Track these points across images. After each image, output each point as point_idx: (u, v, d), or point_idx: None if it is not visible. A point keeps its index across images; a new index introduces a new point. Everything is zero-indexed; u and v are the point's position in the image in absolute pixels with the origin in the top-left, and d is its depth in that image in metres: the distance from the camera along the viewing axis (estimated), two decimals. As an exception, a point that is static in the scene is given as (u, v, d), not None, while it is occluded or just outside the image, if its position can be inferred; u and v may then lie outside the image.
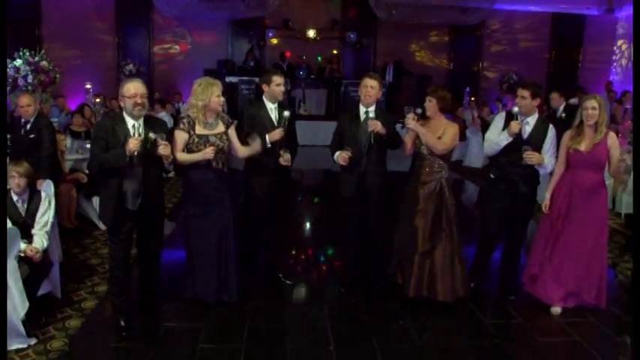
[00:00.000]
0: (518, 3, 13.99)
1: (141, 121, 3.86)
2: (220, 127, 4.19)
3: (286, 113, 4.51)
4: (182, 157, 4.08)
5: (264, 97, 4.62)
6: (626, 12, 14.38)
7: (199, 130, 4.11)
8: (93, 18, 14.22)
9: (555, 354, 3.94)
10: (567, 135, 4.44)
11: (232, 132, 4.29)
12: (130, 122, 3.83)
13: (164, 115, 9.99)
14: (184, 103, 12.19)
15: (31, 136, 5.28)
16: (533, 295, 4.60)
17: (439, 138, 4.33)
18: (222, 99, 4.19)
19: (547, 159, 4.38)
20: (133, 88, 3.80)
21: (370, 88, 4.43)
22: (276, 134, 4.42)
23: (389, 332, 4.09)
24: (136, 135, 3.77)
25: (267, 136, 4.40)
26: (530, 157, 4.28)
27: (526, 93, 4.38)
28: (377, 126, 4.30)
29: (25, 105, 5.26)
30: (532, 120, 4.44)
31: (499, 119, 4.64)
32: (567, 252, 4.41)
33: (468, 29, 14.88)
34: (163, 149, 3.77)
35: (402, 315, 4.33)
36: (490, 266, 4.86)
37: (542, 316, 4.44)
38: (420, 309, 4.39)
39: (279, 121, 4.52)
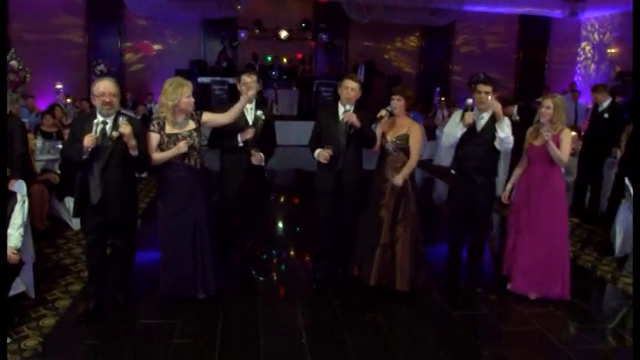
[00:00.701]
0: (486, 5, 14.29)
1: (111, 119, 3.93)
2: (191, 125, 4.26)
3: (259, 113, 4.61)
4: (157, 156, 4.16)
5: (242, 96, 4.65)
6: (589, 15, 14.82)
7: (169, 129, 4.18)
8: (63, 17, 14.07)
9: (519, 343, 4.10)
10: (528, 131, 4.68)
11: (208, 115, 4.38)
12: (100, 119, 3.91)
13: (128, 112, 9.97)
14: (156, 104, 12.16)
15: None
16: (510, 288, 4.78)
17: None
18: (192, 99, 4.24)
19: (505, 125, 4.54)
20: (102, 87, 3.91)
21: (351, 90, 4.56)
22: (248, 133, 4.50)
23: (360, 325, 4.20)
24: (97, 131, 3.86)
25: (239, 136, 4.49)
26: (492, 105, 4.51)
27: (489, 88, 4.56)
28: (351, 117, 4.43)
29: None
30: (487, 115, 4.61)
31: (456, 115, 4.83)
32: (530, 244, 4.61)
33: (439, 30, 15.13)
34: (124, 128, 3.87)
35: (373, 309, 4.45)
36: (461, 260, 5.03)
37: (507, 308, 4.63)
38: (390, 303, 4.53)
39: (254, 121, 4.60)
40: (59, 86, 11.44)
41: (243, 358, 3.72)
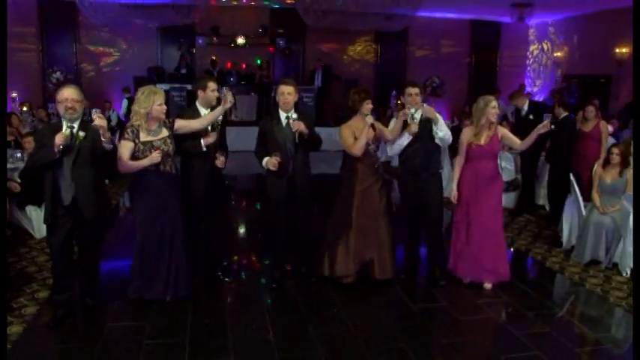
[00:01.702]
0: (439, 10, 14.72)
1: (76, 123, 4.03)
2: (164, 132, 4.36)
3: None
4: (131, 164, 4.25)
5: (197, 102, 4.77)
6: (536, 20, 15.46)
7: (143, 137, 4.28)
8: (14, 23, 13.76)
9: (474, 330, 4.35)
10: (468, 132, 4.99)
11: (180, 122, 4.49)
12: (64, 125, 3.99)
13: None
14: (114, 112, 12.07)
15: None
16: (459, 277, 5.08)
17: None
18: (164, 107, 4.32)
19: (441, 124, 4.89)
20: (66, 93, 4.02)
21: (287, 94, 4.69)
22: (211, 138, 4.59)
23: (323, 319, 4.38)
24: (65, 129, 3.95)
25: (202, 140, 4.55)
26: (429, 111, 4.81)
27: (418, 90, 4.89)
28: (300, 126, 4.60)
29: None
30: (418, 114, 4.80)
31: (392, 124, 5.02)
32: (481, 233, 4.93)
33: (394, 35, 15.44)
34: (98, 121, 3.98)
35: (334, 304, 4.64)
36: (418, 255, 5.32)
37: (462, 298, 4.89)
38: (350, 298, 4.73)
39: (213, 126, 4.68)
40: (14, 95, 11.24)
41: (213, 355, 3.84)
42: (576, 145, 7.06)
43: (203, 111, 4.73)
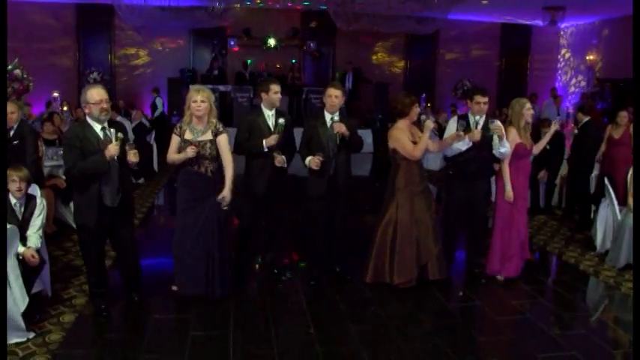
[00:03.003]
0: (469, 13, 14.72)
1: (106, 124, 4.14)
2: (208, 135, 4.44)
3: (281, 120, 4.81)
4: (172, 156, 4.49)
5: (262, 104, 4.96)
6: (568, 24, 15.34)
7: (187, 135, 4.44)
8: (53, 26, 14.20)
9: (510, 330, 4.43)
10: (514, 133, 5.08)
11: (223, 141, 4.46)
12: (97, 127, 4.11)
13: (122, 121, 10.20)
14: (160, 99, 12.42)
15: (15, 142, 5.45)
16: (504, 276, 5.23)
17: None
18: (201, 104, 4.35)
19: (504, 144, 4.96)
20: (97, 94, 4.07)
21: (335, 97, 4.83)
22: (272, 139, 4.75)
23: (362, 317, 4.50)
24: (113, 140, 4.06)
25: (264, 141, 4.74)
26: (498, 128, 4.84)
27: (486, 99, 5.01)
28: (341, 128, 4.74)
29: (10, 112, 5.44)
30: (481, 120, 5.04)
31: (452, 123, 5.19)
32: (523, 230, 5.21)
33: (424, 38, 15.48)
34: (133, 156, 4.11)
35: (371, 302, 4.75)
36: (455, 254, 5.43)
37: (497, 298, 4.97)
38: (386, 297, 4.83)
39: (275, 128, 4.84)
40: (56, 94, 11.59)
41: (256, 347, 3.98)
42: (607, 150, 7.11)
43: (267, 112, 4.91)
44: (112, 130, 4.13)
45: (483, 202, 5.25)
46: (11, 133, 5.55)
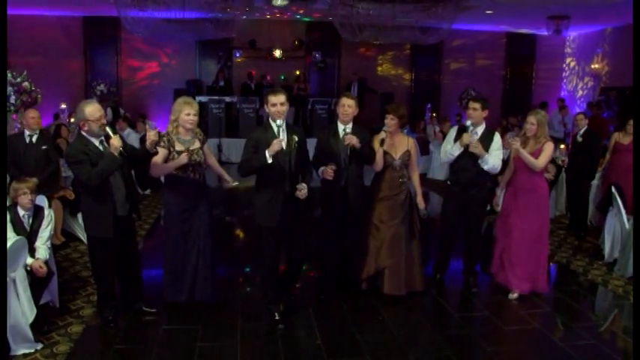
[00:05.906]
0: (474, 23, 14.75)
1: (102, 138, 4.20)
2: (196, 144, 4.56)
3: (295, 138, 4.40)
4: (162, 166, 4.44)
5: (269, 118, 4.47)
6: (573, 33, 15.35)
7: (178, 146, 4.47)
8: (61, 39, 14.32)
9: (518, 340, 4.41)
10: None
11: (207, 149, 4.75)
12: (95, 142, 4.18)
13: (130, 133, 10.27)
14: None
15: (44, 147, 5.52)
16: (500, 283, 5.21)
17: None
18: (193, 118, 4.45)
19: (491, 157, 4.97)
20: (98, 111, 4.15)
21: (347, 107, 4.81)
22: (276, 144, 4.15)
23: (369, 327, 4.49)
24: (111, 134, 4.11)
25: (266, 152, 4.16)
26: (474, 146, 4.89)
27: (477, 105, 5.04)
28: (352, 140, 4.68)
29: (30, 117, 5.54)
30: (480, 130, 5.08)
31: (452, 132, 5.28)
32: (518, 243, 5.06)
33: (429, 48, 15.50)
34: (116, 140, 4.07)
35: (378, 312, 4.74)
36: (449, 262, 5.48)
37: (503, 308, 4.96)
38: (393, 306, 4.83)
39: (288, 142, 4.33)
40: (63, 106, 11.67)
41: (264, 357, 3.98)
42: (613, 158, 7.11)
43: (275, 126, 4.35)
44: (106, 128, 4.18)
45: (479, 211, 5.25)
46: (34, 138, 5.63)
